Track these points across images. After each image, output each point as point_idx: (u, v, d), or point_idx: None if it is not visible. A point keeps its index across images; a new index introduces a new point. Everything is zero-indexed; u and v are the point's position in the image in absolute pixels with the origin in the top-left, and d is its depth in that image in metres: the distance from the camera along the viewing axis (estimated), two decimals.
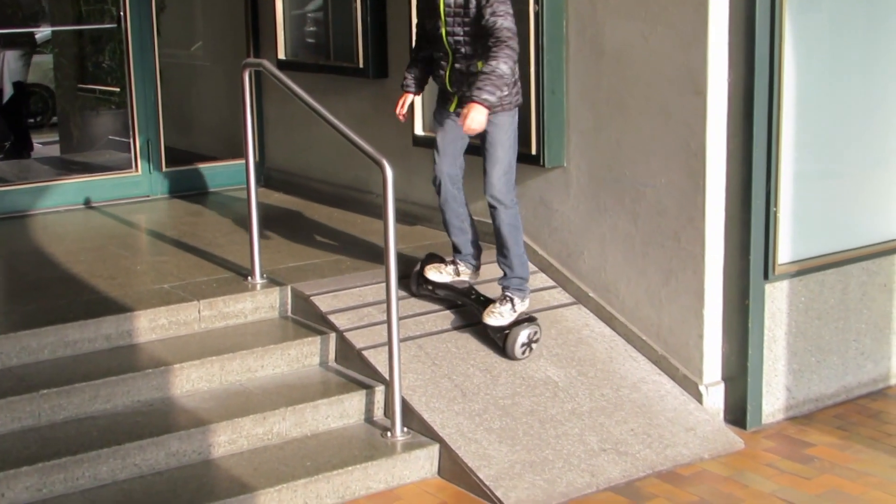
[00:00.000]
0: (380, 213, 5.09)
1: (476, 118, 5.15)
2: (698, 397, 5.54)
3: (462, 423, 5.09)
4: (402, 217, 6.69)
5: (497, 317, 5.52)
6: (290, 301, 5.83)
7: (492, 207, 5.51)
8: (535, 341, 5.55)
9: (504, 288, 5.58)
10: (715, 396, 5.56)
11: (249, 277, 5.93)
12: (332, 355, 5.56)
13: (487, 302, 5.61)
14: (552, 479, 4.86)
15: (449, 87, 5.54)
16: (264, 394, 5.21)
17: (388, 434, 5.09)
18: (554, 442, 5.08)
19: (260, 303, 5.78)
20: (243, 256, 6.16)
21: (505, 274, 5.60)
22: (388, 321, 5.06)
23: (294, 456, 4.92)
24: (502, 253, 5.59)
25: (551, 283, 6.16)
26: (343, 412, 5.20)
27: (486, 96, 5.13)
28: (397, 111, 5.78)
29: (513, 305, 5.52)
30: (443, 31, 5.41)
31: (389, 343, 5.06)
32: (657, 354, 5.69)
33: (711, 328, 5.52)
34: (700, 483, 4.98)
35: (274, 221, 7.18)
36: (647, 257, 5.69)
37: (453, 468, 4.95)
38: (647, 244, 5.68)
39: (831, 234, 5.92)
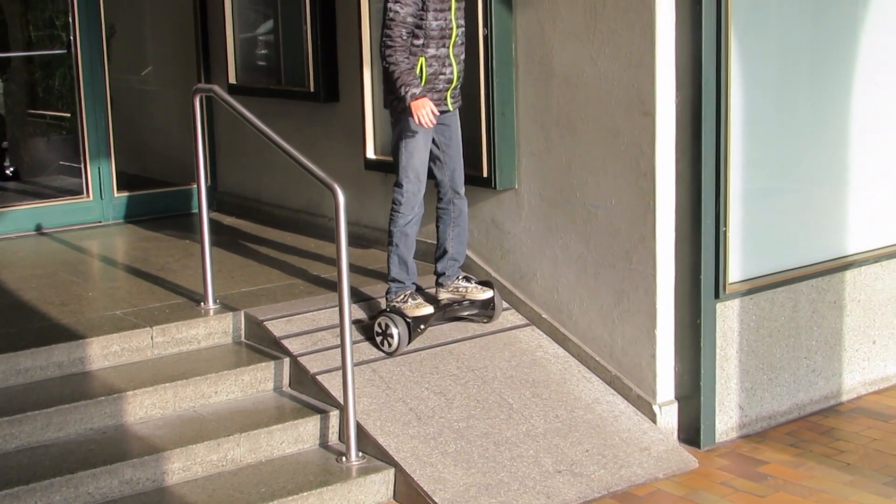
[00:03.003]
0: (332, 237, 5.11)
1: None
2: (652, 417, 5.57)
3: (417, 447, 5.09)
4: (354, 240, 6.69)
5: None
6: (243, 326, 5.82)
7: (460, 204, 5.82)
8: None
9: (465, 278, 5.94)
10: (668, 416, 5.60)
11: (202, 303, 5.91)
12: (286, 380, 5.55)
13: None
14: (507, 502, 4.86)
15: (455, 83, 5.65)
16: (218, 420, 5.18)
17: (344, 459, 5.08)
18: (509, 464, 5.09)
19: (213, 328, 5.76)
20: (196, 282, 6.14)
21: (458, 262, 5.93)
22: (342, 345, 5.05)
23: (249, 482, 4.89)
24: (462, 246, 5.90)
25: (504, 304, 6.17)
26: (298, 437, 5.19)
27: None
28: (428, 122, 5.42)
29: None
30: (454, 23, 5.56)
31: (343, 367, 5.05)
32: (611, 375, 5.72)
33: (664, 348, 5.55)
34: (655, 503, 5.00)
35: (227, 246, 7.16)
36: (599, 278, 5.73)
37: (409, 492, 4.95)
38: (598, 265, 5.72)
39: (781, 252, 5.98)
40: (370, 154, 6.91)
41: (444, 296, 5.91)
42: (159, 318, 5.71)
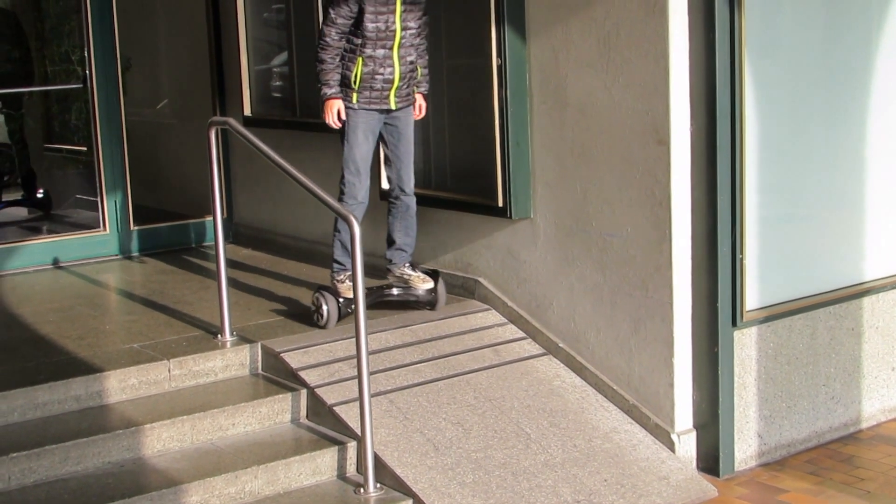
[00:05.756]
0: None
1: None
2: (670, 446, 5.54)
3: (435, 478, 5.08)
4: (370, 271, 6.67)
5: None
6: (260, 358, 5.82)
7: (406, 200, 6.14)
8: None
9: (412, 265, 6.30)
10: (687, 444, 5.57)
11: (219, 335, 5.92)
12: (303, 412, 5.54)
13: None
14: None
15: (398, 84, 5.89)
16: (236, 452, 5.18)
17: (362, 490, 5.06)
18: (527, 494, 5.07)
19: (230, 360, 5.76)
20: (213, 314, 6.15)
21: (406, 252, 6.27)
22: (359, 376, 5.05)
23: None
24: (410, 237, 6.24)
25: (521, 334, 6.17)
26: (316, 469, 5.18)
27: (428, 87, 6.13)
28: (333, 121, 5.92)
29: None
30: (398, 25, 5.81)
31: (361, 398, 5.05)
32: (628, 404, 5.70)
33: (682, 376, 5.54)
34: None
35: (243, 278, 7.18)
36: (616, 306, 5.72)
37: None
38: (615, 293, 5.71)
39: (798, 279, 5.97)
40: (385, 185, 6.91)
41: (390, 279, 6.31)
42: (176, 351, 5.72)
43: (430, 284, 6.24)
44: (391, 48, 5.85)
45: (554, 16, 5.79)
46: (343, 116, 5.91)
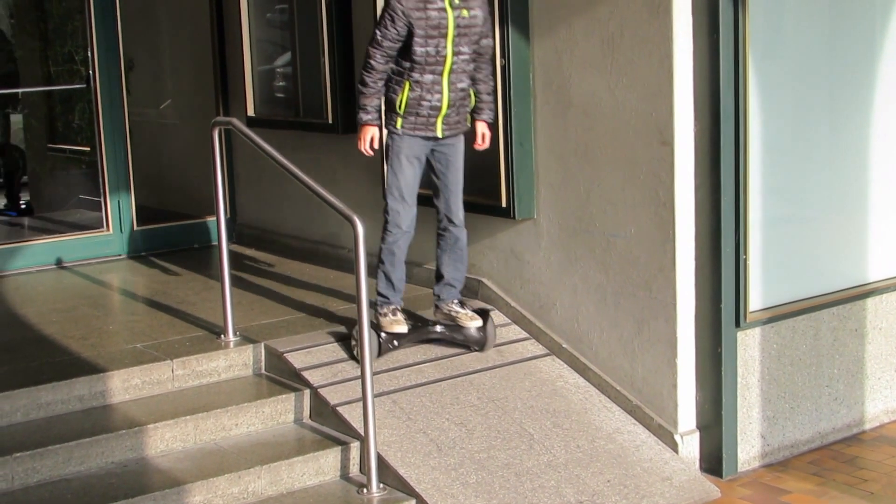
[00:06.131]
0: (352, 268, 5.10)
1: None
2: (674, 446, 5.54)
3: (438, 478, 5.08)
4: (374, 271, 6.68)
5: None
6: (263, 358, 5.82)
7: (456, 232, 5.82)
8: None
9: (460, 303, 5.94)
10: (690, 445, 5.57)
11: (222, 335, 5.92)
12: (306, 412, 5.54)
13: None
14: None
15: (445, 111, 5.58)
16: (239, 452, 5.18)
17: (365, 490, 5.06)
18: (530, 495, 5.07)
19: (233, 360, 5.76)
20: (216, 314, 6.15)
21: (455, 288, 5.93)
22: (362, 376, 5.05)
23: None
24: (460, 272, 5.89)
25: (524, 334, 6.17)
26: (319, 469, 5.18)
27: (493, 116, 5.81)
28: (365, 148, 5.67)
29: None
30: (449, 50, 5.50)
31: (364, 399, 5.05)
32: (632, 404, 5.70)
33: (685, 377, 5.54)
34: None
35: (246, 278, 7.18)
36: (619, 307, 5.72)
37: None
38: (618, 294, 5.71)
39: (801, 280, 5.97)
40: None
41: (437, 316, 5.97)
42: (180, 351, 5.72)
43: (479, 323, 5.88)
44: (441, 74, 5.52)
45: (557, 17, 5.79)
46: (376, 145, 5.65)
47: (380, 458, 5.10)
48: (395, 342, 5.74)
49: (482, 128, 5.83)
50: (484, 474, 5.14)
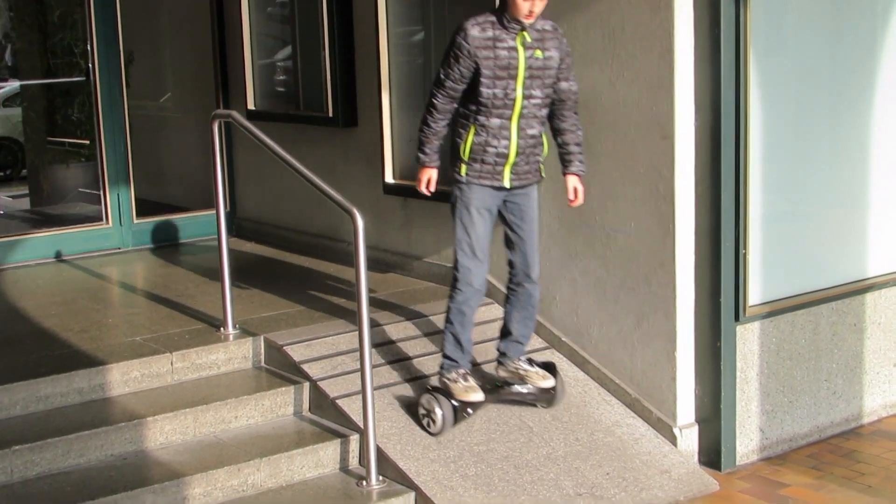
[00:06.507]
0: (352, 262, 5.10)
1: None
2: (672, 440, 5.55)
3: (437, 471, 5.08)
4: (373, 265, 6.70)
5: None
6: (263, 351, 5.82)
7: (530, 289, 5.38)
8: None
9: (529, 360, 5.53)
10: (689, 438, 5.58)
11: (222, 328, 5.92)
12: (306, 405, 5.55)
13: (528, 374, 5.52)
14: None
15: (514, 159, 5.14)
16: (238, 445, 5.18)
17: (364, 483, 5.07)
18: (529, 487, 5.07)
19: (233, 353, 5.77)
20: (216, 307, 6.15)
21: (522, 345, 5.52)
22: (362, 369, 5.06)
23: None
24: (529, 329, 5.49)
25: None
26: (318, 462, 5.19)
27: (584, 168, 5.32)
28: (422, 189, 5.31)
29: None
30: (518, 93, 5.05)
31: (363, 391, 5.06)
32: (631, 398, 5.71)
33: (684, 370, 5.54)
34: None
35: (246, 271, 7.18)
36: (619, 301, 5.72)
37: None
38: (618, 288, 5.71)
39: (801, 275, 5.97)
40: (389, 178, 6.94)
41: (502, 374, 5.53)
42: (179, 344, 5.72)
43: (551, 383, 5.46)
44: (509, 118, 5.07)
45: (559, 10, 5.78)
46: (433, 187, 5.28)
47: (379, 451, 5.11)
48: (470, 410, 5.30)
49: (574, 182, 5.34)
50: (483, 467, 5.15)
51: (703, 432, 5.60)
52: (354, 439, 5.26)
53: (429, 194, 5.34)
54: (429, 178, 5.26)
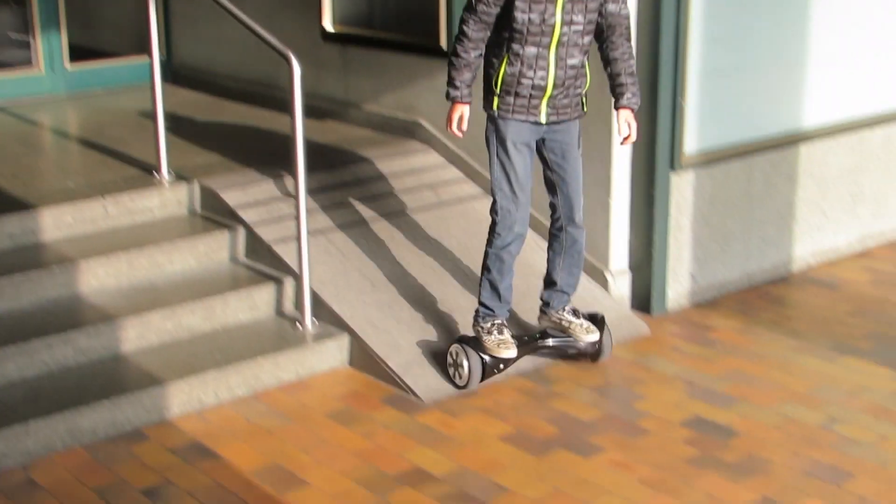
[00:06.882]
0: (288, 109, 5.04)
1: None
2: (605, 285, 5.62)
3: (372, 314, 5.13)
4: (310, 112, 6.60)
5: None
6: (198, 197, 5.78)
7: (574, 233, 4.95)
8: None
9: (574, 311, 5.10)
10: (621, 284, 5.66)
11: (156, 173, 5.86)
12: (241, 250, 5.54)
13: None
14: None
15: (551, 92, 4.68)
16: (173, 289, 5.19)
17: (299, 326, 5.11)
18: (464, 331, 5.13)
19: (167, 199, 5.73)
20: (150, 153, 6.07)
21: (568, 295, 5.10)
22: (297, 214, 5.05)
23: (204, 349, 4.93)
24: (574, 277, 5.06)
25: (461, 175, 6.17)
26: (253, 305, 5.21)
27: (637, 101, 4.83)
28: (453, 129, 4.83)
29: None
30: (558, 19, 4.56)
31: (298, 236, 5.06)
32: None
33: (618, 218, 5.59)
34: (606, 367, 5.09)
35: (182, 118, 7.09)
36: None
37: (363, 358, 5.00)
38: None
39: (737, 126, 5.99)
40: (327, 26, 6.83)
41: (544, 324, 5.15)
42: (113, 189, 5.66)
43: (595, 336, 5.05)
44: (547, 46, 4.58)
45: None
46: (465, 126, 4.80)
47: (314, 295, 5.14)
48: (502, 366, 4.89)
49: (626, 116, 4.83)
50: (417, 310, 5.20)
51: (636, 278, 5.68)
52: (290, 284, 5.28)
53: (460, 135, 4.85)
54: (461, 115, 4.78)
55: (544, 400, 4.81)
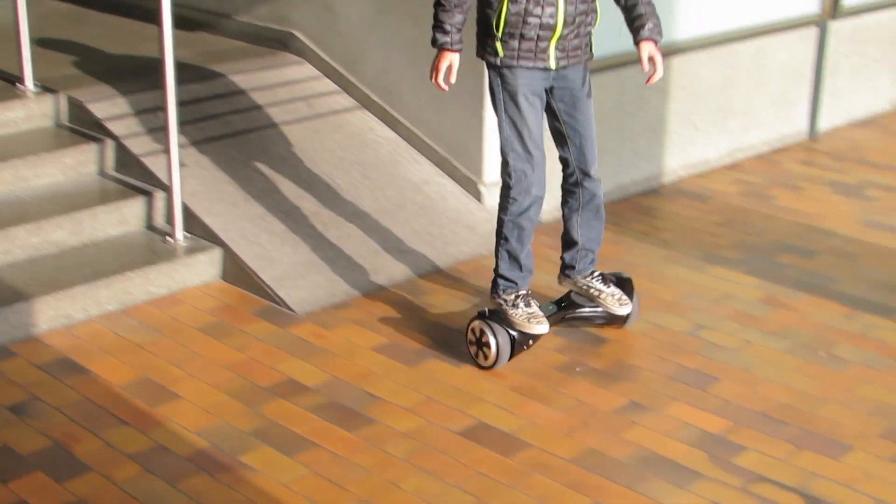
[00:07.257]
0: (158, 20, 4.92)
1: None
2: (478, 197, 5.65)
3: (244, 227, 5.09)
4: (181, 23, 6.47)
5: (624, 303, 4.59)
6: (65, 109, 5.64)
7: (591, 187, 4.46)
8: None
9: (602, 276, 4.61)
10: (494, 196, 5.65)
11: (20, 84, 5.69)
12: (110, 163, 5.44)
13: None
14: (334, 279, 4.93)
15: (560, 31, 4.15)
16: (39, 203, 5.07)
17: (170, 239, 5.05)
18: (337, 243, 5.13)
19: (32, 111, 5.57)
20: (12, 63, 5.88)
21: (593, 252, 4.61)
22: (167, 127, 4.97)
23: (72, 264, 4.84)
24: (596, 231, 4.57)
25: (335, 87, 6.13)
26: (122, 219, 5.13)
27: (659, 33, 4.28)
28: (439, 80, 4.29)
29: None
30: None
31: (168, 149, 4.98)
32: (440, 156, 5.76)
33: (491, 129, 5.60)
34: (478, 278, 5.13)
35: (46, 28, 6.86)
36: (430, 60, 5.67)
37: (236, 271, 4.97)
38: (429, 47, 5.65)
39: (609, 38, 6.01)
40: None
41: (567, 286, 4.65)
42: None
43: (627, 310, 4.56)
44: None
45: None
46: (453, 79, 4.27)
47: (186, 208, 5.08)
48: (531, 342, 4.39)
49: (649, 49, 4.32)
50: (291, 223, 5.17)
51: None
52: (160, 197, 5.21)
53: (446, 88, 4.33)
54: (449, 64, 4.26)
55: (417, 311, 4.84)
